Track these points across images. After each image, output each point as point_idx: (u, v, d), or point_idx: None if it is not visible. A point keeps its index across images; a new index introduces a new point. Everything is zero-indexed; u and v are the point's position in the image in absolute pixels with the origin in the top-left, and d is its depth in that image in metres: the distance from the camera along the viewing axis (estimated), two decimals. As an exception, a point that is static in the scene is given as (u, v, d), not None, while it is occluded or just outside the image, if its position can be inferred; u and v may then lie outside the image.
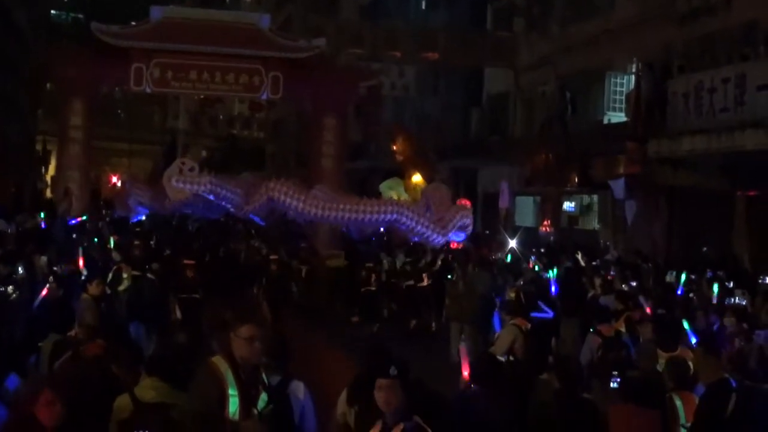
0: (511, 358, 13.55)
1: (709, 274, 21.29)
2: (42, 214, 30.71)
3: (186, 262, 22.37)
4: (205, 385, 7.79)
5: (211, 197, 30.15)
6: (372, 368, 9.06)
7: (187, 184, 30.15)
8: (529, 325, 14.25)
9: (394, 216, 28.73)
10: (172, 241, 31.59)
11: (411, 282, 26.04)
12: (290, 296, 26.23)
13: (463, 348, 9.64)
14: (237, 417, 7.78)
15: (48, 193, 56.68)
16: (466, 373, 9.24)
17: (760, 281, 19.63)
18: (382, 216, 28.83)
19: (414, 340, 23.49)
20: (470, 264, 23.25)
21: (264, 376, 8.55)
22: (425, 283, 25.79)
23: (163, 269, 21.06)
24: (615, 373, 11.44)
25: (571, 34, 36.48)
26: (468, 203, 32.04)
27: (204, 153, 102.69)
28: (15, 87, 58.22)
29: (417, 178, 44.79)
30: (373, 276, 27.26)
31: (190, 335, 12.84)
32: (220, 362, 7.90)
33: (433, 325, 25.31)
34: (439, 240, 29.14)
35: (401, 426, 7.11)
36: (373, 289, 26.77)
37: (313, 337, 22.93)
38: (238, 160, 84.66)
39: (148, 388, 8.44)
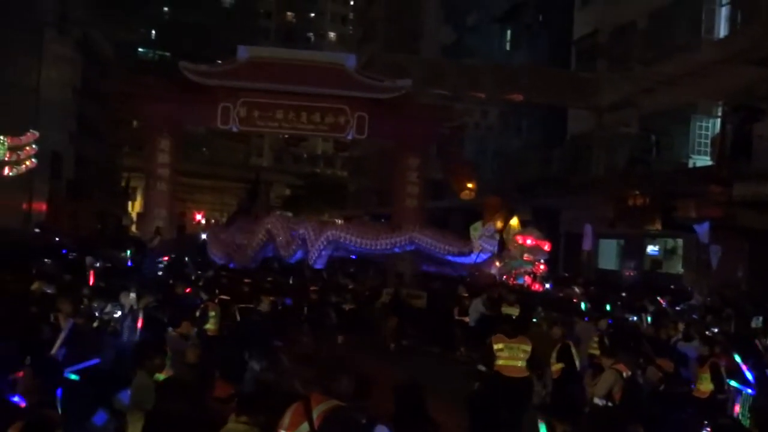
0: (609, 403, 13.58)
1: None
2: (128, 252, 31.16)
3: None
4: None
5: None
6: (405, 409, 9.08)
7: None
8: (629, 372, 14.18)
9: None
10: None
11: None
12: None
13: None
14: None
15: (134, 229, 57.47)
16: None
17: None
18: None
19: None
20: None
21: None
22: None
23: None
24: (705, 422, 11.39)
25: (654, 74, 36.30)
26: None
27: (287, 191, 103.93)
28: (101, 120, 59.29)
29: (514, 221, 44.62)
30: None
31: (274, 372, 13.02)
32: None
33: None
34: None
35: None
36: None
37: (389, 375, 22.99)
38: (320, 198, 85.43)
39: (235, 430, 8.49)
